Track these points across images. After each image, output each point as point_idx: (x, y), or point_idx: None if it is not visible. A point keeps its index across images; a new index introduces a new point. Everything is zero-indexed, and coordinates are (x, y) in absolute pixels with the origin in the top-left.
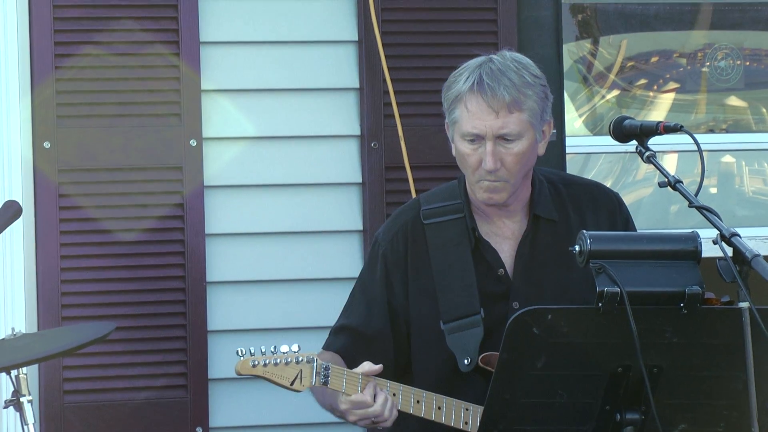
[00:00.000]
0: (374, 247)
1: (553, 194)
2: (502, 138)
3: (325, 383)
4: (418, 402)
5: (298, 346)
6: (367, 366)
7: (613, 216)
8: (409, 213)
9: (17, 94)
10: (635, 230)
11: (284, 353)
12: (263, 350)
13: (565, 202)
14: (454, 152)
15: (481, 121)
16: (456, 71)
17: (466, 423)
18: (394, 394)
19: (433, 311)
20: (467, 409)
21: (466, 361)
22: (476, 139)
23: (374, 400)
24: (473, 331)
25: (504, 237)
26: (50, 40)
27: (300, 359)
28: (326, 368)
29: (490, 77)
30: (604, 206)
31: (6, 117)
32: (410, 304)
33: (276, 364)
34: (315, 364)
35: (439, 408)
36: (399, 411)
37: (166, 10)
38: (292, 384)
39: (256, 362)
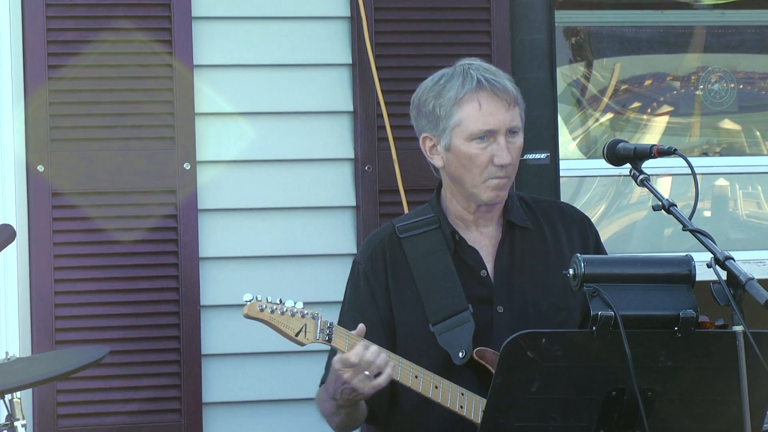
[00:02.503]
0: (354, 268)
1: (524, 208)
2: (510, 131)
3: (329, 340)
4: (416, 377)
5: (303, 303)
6: (361, 327)
7: (584, 232)
8: (383, 232)
9: (10, 118)
10: (605, 249)
11: (290, 306)
12: (270, 299)
13: (537, 215)
14: (440, 163)
15: (493, 116)
16: (435, 82)
17: (461, 407)
18: (393, 365)
19: (420, 318)
20: (462, 394)
21: (460, 354)
22: (486, 136)
23: (362, 356)
24: (464, 327)
25: (482, 245)
26: (44, 64)
27: (305, 313)
28: (330, 326)
29: (490, 74)
30: (574, 222)
31: None
32: (394, 316)
33: (282, 313)
34: (319, 320)
35: (436, 387)
36: (397, 382)
37: (159, 33)
38: (297, 335)
39: (264, 307)
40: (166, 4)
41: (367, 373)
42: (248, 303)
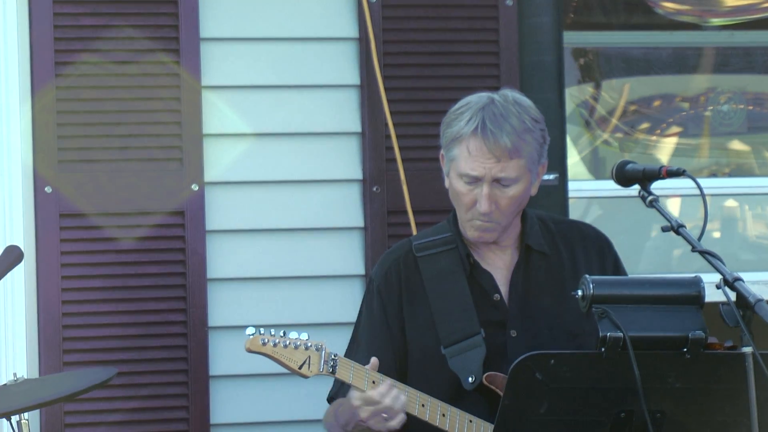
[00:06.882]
0: (369, 285)
1: (543, 230)
2: (498, 181)
3: (333, 372)
4: (423, 406)
5: (307, 335)
6: (374, 361)
7: (603, 254)
8: (400, 249)
9: (18, 139)
10: (625, 270)
11: (294, 338)
12: (273, 332)
13: (556, 238)
14: (447, 185)
15: (480, 164)
16: (457, 107)
17: None
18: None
19: (432, 338)
20: (471, 421)
21: (470, 379)
22: (473, 180)
23: (384, 397)
24: (475, 351)
25: (497, 267)
26: (52, 85)
27: (309, 345)
28: (334, 357)
29: (493, 122)
30: (594, 244)
31: (7, 161)
32: (407, 335)
33: (285, 346)
34: (323, 352)
35: (444, 415)
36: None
37: (168, 54)
38: (300, 368)
39: (266, 341)
40: (174, 26)
41: (385, 415)
42: (251, 337)
